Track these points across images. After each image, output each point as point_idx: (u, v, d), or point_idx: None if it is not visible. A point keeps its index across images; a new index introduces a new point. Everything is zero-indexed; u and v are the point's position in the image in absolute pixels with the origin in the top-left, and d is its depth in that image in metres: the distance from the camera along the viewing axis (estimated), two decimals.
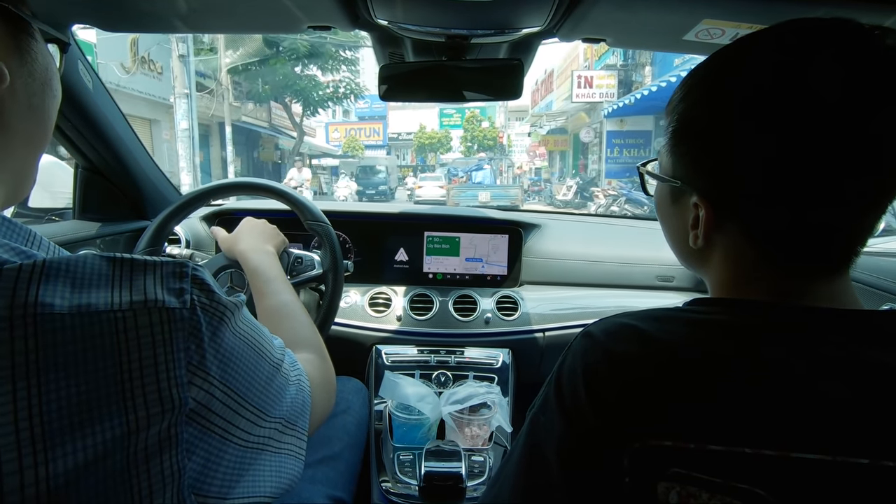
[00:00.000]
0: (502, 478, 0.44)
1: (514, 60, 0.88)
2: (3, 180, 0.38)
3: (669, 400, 0.35)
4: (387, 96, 0.91)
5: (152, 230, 0.96)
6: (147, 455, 0.31)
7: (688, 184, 0.43)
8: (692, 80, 0.43)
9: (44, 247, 0.36)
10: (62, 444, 0.28)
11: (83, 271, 0.31)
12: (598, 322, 0.42)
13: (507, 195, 11.35)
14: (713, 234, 0.43)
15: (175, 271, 0.34)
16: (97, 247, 1.12)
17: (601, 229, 1.52)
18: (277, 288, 0.74)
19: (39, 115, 0.40)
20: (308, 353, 0.61)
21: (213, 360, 0.36)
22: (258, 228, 0.89)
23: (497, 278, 1.35)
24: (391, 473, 0.97)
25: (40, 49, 0.39)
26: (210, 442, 0.36)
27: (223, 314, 0.37)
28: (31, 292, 0.28)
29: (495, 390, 1.05)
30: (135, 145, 1.18)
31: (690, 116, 0.42)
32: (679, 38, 0.81)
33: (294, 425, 0.47)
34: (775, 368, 0.35)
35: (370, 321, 1.26)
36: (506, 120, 28.43)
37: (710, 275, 0.46)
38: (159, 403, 0.31)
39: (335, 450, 0.89)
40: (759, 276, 0.41)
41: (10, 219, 0.35)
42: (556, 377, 0.41)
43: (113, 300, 0.31)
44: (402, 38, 0.89)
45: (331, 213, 0.99)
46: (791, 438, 0.33)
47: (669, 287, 1.36)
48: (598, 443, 0.37)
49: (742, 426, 0.34)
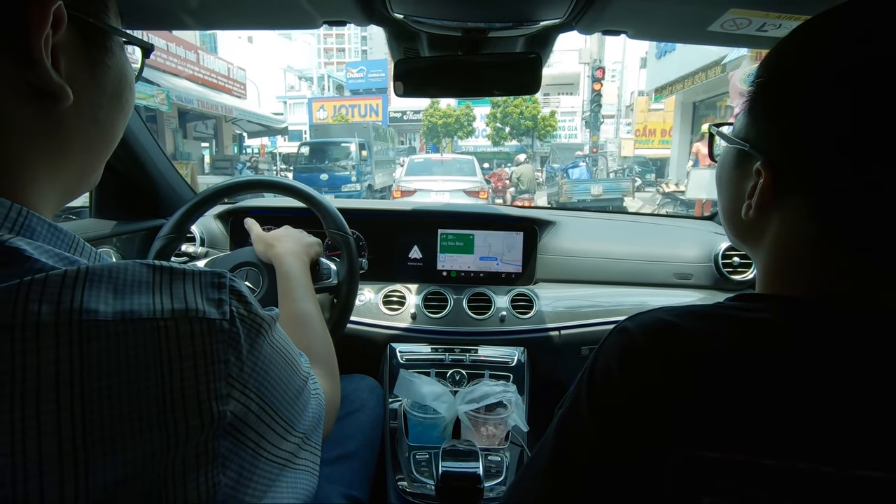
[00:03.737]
0: (528, 479, 0.43)
1: (532, 54, 0.86)
2: (56, 187, 0.37)
3: (712, 405, 0.33)
4: (403, 93, 0.90)
5: (177, 218, 0.94)
6: (184, 469, 0.30)
7: (755, 147, 0.40)
8: (785, 40, 0.41)
9: (86, 253, 0.36)
10: (103, 457, 0.27)
11: (125, 277, 0.30)
12: (634, 317, 0.39)
13: (619, 188, 10.74)
14: (771, 210, 0.40)
15: (213, 281, 0.34)
16: (113, 245, 1.13)
17: (617, 226, 1.50)
18: (303, 295, 0.76)
19: (104, 128, 0.39)
20: (320, 370, 0.62)
21: (251, 372, 0.35)
22: (297, 236, 0.90)
23: (512, 276, 1.33)
24: (407, 473, 0.96)
25: (115, 61, 0.38)
26: (243, 456, 0.35)
27: (261, 326, 0.36)
28: (76, 298, 0.28)
29: (511, 389, 1.04)
30: (149, 143, 1.18)
31: (774, 74, 0.40)
32: (704, 30, 0.79)
33: (310, 440, 0.46)
34: (829, 376, 0.33)
35: (384, 319, 1.25)
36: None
37: (759, 256, 0.43)
38: (199, 416, 0.31)
39: (350, 448, 0.88)
40: (818, 266, 0.38)
41: (56, 224, 0.34)
42: (589, 375, 0.39)
43: (155, 307, 0.30)
44: (417, 32, 0.87)
45: (342, 211, 0.98)
46: (851, 455, 0.31)
47: (687, 285, 1.33)
48: (634, 446, 0.35)
49: (796, 438, 0.32)
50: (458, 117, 21.54)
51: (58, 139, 0.35)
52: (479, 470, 0.85)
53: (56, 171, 0.37)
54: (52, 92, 0.33)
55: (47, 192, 0.37)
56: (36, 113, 0.33)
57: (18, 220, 0.32)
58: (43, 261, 0.30)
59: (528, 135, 20.63)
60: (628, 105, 16.09)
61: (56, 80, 0.33)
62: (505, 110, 20.12)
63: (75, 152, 0.37)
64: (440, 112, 21.59)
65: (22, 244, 0.30)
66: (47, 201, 0.37)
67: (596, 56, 12.82)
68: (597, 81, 12.49)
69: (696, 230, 1.42)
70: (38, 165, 0.35)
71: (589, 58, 13.19)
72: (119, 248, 1.15)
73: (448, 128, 21.60)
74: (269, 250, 0.87)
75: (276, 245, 0.86)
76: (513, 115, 19.98)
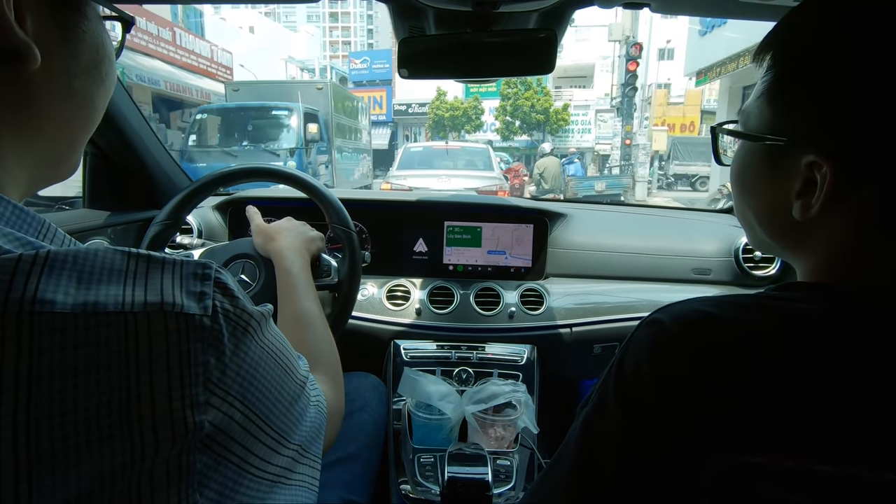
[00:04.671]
0: (550, 482, 0.39)
1: (546, 31, 0.80)
2: (26, 164, 0.34)
3: (754, 404, 0.30)
4: (409, 74, 0.84)
5: (174, 204, 0.90)
6: (152, 488, 0.26)
7: (798, 141, 0.36)
8: (812, 6, 0.36)
9: (57, 239, 0.32)
10: (51, 473, 0.23)
11: (92, 264, 0.27)
12: (666, 308, 0.36)
13: (620, 184, 10.31)
14: (829, 206, 0.35)
15: (196, 272, 0.30)
16: (108, 236, 1.09)
17: (632, 219, 1.44)
18: (304, 293, 0.72)
19: (80, 100, 0.36)
20: (323, 374, 0.58)
21: (234, 376, 0.31)
22: (299, 230, 0.86)
23: (521, 270, 1.28)
24: (410, 476, 0.92)
25: (90, 28, 0.36)
26: (225, 473, 0.31)
27: (248, 324, 0.32)
28: (29, 287, 0.24)
29: (521, 389, 0.99)
30: (144, 131, 1.14)
31: (806, 53, 0.35)
32: (732, 0, 0.72)
33: (308, 452, 0.42)
34: (881, 373, 0.30)
35: (388, 314, 1.21)
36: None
37: (806, 256, 0.39)
38: (170, 427, 0.27)
39: (351, 450, 0.84)
40: (880, 258, 0.34)
41: (23, 207, 0.31)
42: (617, 371, 0.35)
43: (125, 298, 0.26)
44: (423, 8, 0.82)
45: (344, 202, 0.93)
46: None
47: (706, 280, 1.27)
48: (664, 443, 0.32)
49: (852, 442, 0.29)
50: (466, 110, 20.15)
51: (27, 108, 0.32)
52: (487, 475, 0.80)
53: (26, 145, 0.33)
54: (15, 50, 0.30)
55: (15, 170, 0.33)
56: (1, 76, 0.30)
57: None
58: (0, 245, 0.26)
59: (539, 129, 19.50)
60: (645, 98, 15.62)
61: (21, 36, 0.29)
62: (515, 103, 18.75)
63: (49, 127, 0.34)
64: (447, 105, 20.17)
65: None
66: (15, 181, 0.33)
67: (629, 32, 11.20)
68: (632, 60, 10.57)
69: (715, 223, 1.36)
70: (3, 137, 0.32)
71: (621, 34, 11.61)
72: (114, 239, 1.11)
73: (455, 121, 20.19)
74: (268, 243, 0.83)
75: (276, 238, 0.82)
76: (523, 108, 18.68)
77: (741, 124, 0.42)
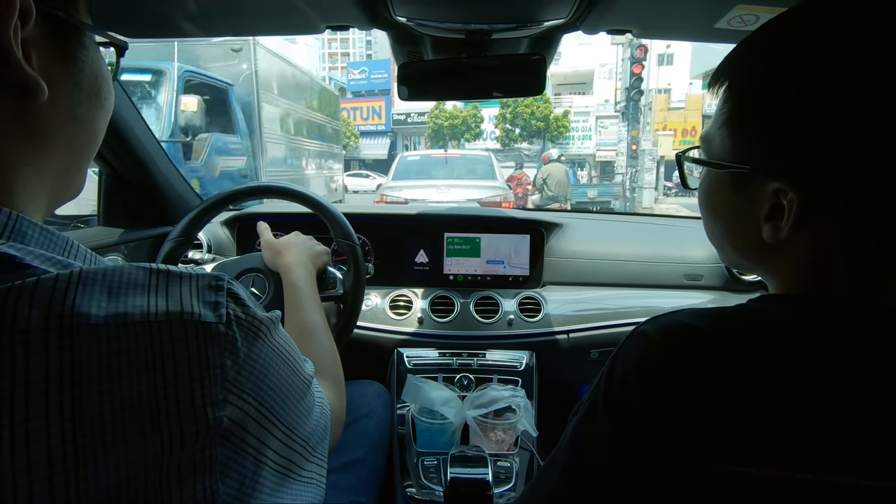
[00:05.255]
0: (541, 485, 0.41)
1: (536, 55, 0.85)
2: (42, 187, 0.37)
3: (737, 415, 0.32)
4: (408, 96, 0.90)
5: (186, 222, 0.94)
6: (180, 476, 0.30)
7: (760, 169, 0.36)
8: (764, 37, 0.36)
9: (80, 255, 0.36)
10: (94, 462, 0.27)
11: (119, 280, 0.30)
12: (653, 320, 0.37)
13: (611, 192, 10.25)
14: (795, 228, 0.36)
15: (211, 284, 0.33)
16: (121, 252, 1.13)
17: (625, 227, 1.48)
18: (309, 305, 0.76)
19: (84, 125, 0.39)
20: (326, 381, 0.62)
21: (248, 376, 0.34)
22: (306, 244, 0.90)
23: (519, 279, 1.32)
24: (415, 479, 0.95)
25: (89, 57, 0.38)
26: (244, 464, 0.34)
27: (258, 329, 0.36)
28: (67, 302, 0.28)
29: (520, 394, 1.02)
30: (156, 151, 1.19)
31: (765, 84, 0.35)
32: (710, 27, 0.77)
33: (315, 450, 0.46)
34: (866, 381, 0.31)
35: (391, 324, 1.25)
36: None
37: (779, 272, 0.40)
38: (194, 423, 0.30)
39: (357, 455, 0.88)
40: (849, 275, 0.36)
41: (48, 227, 0.34)
42: (606, 381, 0.37)
43: (149, 308, 0.30)
44: (421, 35, 0.87)
45: (348, 216, 0.98)
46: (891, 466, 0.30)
47: (698, 286, 1.31)
48: (652, 453, 0.33)
49: (831, 450, 0.30)
50: (465, 118, 20.30)
51: (38, 138, 0.35)
52: (488, 476, 0.84)
53: (41, 171, 0.36)
54: (25, 85, 0.32)
55: (35, 194, 0.36)
56: (12, 111, 0.33)
57: (9, 224, 0.31)
58: (35, 265, 0.30)
59: (539, 136, 19.56)
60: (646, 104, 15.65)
61: (29, 72, 0.32)
62: (515, 110, 18.96)
63: (58, 151, 0.37)
64: (446, 113, 20.35)
65: (12, 251, 0.30)
66: (36, 204, 0.37)
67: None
68: (637, 63, 10.41)
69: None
70: (22, 165, 0.34)
71: (625, 36, 11.96)
72: (127, 255, 1.15)
73: (454, 130, 20.35)
74: (276, 259, 0.87)
75: (284, 254, 0.86)
76: (523, 115, 18.79)
77: (704, 151, 0.42)
